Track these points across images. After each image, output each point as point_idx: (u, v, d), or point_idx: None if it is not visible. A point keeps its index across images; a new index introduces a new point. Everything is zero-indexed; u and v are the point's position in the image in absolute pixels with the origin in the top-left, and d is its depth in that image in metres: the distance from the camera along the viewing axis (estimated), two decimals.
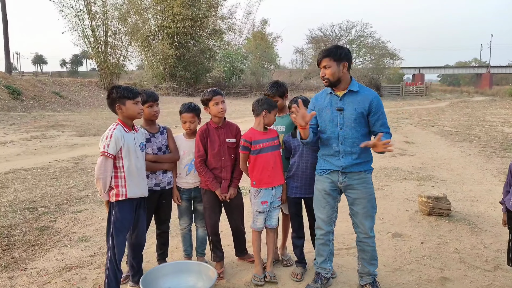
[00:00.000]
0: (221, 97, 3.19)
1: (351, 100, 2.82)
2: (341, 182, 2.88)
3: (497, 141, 10.70)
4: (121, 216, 2.71)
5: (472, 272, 3.37)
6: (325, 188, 2.94)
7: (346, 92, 2.83)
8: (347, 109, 2.81)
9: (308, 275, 3.26)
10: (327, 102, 2.90)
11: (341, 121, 2.83)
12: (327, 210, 2.99)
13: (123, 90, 2.74)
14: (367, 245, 2.95)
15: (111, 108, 2.79)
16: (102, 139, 2.67)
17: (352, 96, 2.82)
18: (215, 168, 3.16)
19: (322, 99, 2.95)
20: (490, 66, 71.10)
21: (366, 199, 2.86)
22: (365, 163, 2.87)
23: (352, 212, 2.96)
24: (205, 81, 36.70)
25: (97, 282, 3.14)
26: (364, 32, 45.26)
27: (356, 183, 2.85)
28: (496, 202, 5.39)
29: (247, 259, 3.50)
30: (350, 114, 2.80)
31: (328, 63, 2.76)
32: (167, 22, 30.83)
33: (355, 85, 2.84)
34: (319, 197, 3.00)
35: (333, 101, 2.87)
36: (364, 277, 3.00)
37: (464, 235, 4.18)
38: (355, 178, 2.85)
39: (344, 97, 2.84)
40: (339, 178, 2.87)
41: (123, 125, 2.76)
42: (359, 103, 2.79)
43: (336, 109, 2.85)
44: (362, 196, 2.86)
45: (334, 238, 3.16)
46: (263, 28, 44.58)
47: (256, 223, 3.21)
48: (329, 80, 2.79)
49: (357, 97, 2.81)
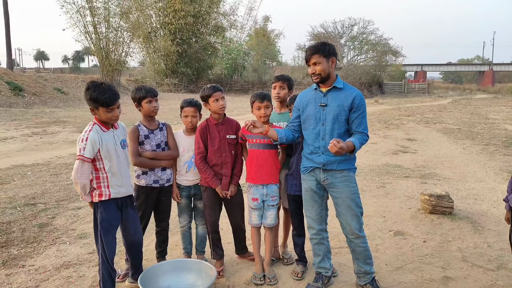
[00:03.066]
0: (221, 93, 3.14)
1: (334, 96, 2.80)
2: (323, 179, 2.84)
3: (500, 139, 10.63)
4: (107, 216, 2.65)
5: (475, 271, 3.33)
6: (310, 187, 2.91)
7: (331, 88, 2.82)
8: (330, 105, 2.79)
9: (309, 274, 3.22)
10: (311, 98, 2.89)
11: (324, 117, 2.81)
12: (315, 209, 2.96)
13: (98, 95, 2.50)
14: (357, 246, 2.89)
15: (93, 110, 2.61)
16: (79, 141, 2.52)
17: (336, 92, 2.81)
18: (215, 165, 3.12)
19: (307, 95, 2.94)
20: (492, 63, 70.75)
21: (350, 198, 2.80)
22: (346, 162, 2.80)
23: (337, 212, 2.91)
24: (207, 77, 36.63)
25: (95, 280, 3.11)
26: (366, 29, 45.01)
27: (339, 181, 2.80)
28: (499, 200, 5.34)
29: (248, 257, 3.46)
30: (332, 110, 2.77)
31: (318, 60, 2.75)
32: (168, 19, 30.78)
33: (340, 82, 2.83)
34: (306, 197, 2.97)
35: (317, 96, 2.87)
36: (362, 277, 2.96)
37: (467, 234, 4.13)
38: (337, 176, 2.80)
39: (328, 93, 2.83)
40: (321, 176, 2.83)
41: (100, 125, 2.62)
42: (342, 100, 2.78)
43: (319, 104, 2.83)
44: (345, 196, 2.80)
45: (328, 236, 3.11)
46: (265, 25, 44.51)
47: (252, 219, 3.19)
48: (320, 76, 2.77)
49: (341, 94, 2.80)
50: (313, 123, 2.84)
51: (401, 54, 44.45)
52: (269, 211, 3.15)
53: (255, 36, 43.25)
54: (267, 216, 3.15)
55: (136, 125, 3.14)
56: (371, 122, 14.54)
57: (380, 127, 13.54)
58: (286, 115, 3.30)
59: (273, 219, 3.17)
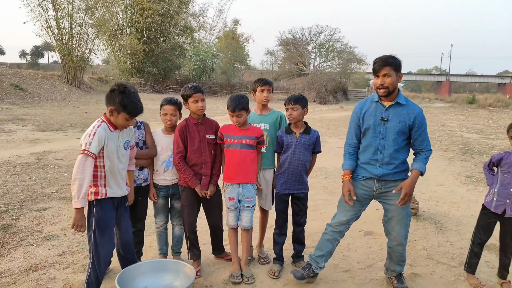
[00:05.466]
0: (201, 95, 3.13)
1: (396, 112, 2.81)
2: (376, 189, 2.90)
3: (457, 145, 11.23)
4: (104, 215, 2.58)
5: (439, 268, 3.52)
6: (356, 194, 2.93)
7: (393, 104, 2.82)
8: (392, 120, 2.80)
9: (285, 273, 3.28)
10: (372, 110, 2.89)
11: (384, 132, 2.83)
12: (350, 214, 3.03)
13: (129, 103, 2.49)
14: (396, 251, 3.01)
15: (106, 102, 2.57)
16: (85, 136, 2.48)
17: (398, 108, 2.81)
18: (195, 165, 3.12)
19: (367, 106, 2.93)
20: (449, 74, 74.67)
21: (402, 207, 2.85)
22: (401, 172, 2.87)
23: (386, 219, 3.00)
24: (174, 78, 36.15)
25: (67, 282, 3.01)
26: (333, 37, 46.23)
27: (392, 190, 2.85)
28: (459, 202, 5.66)
29: (224, 258, 3.47)
30: (393, 126, 2.79)
31: (389, 72, 2.72)
32: (136, 17, 30.10)
33: (402, 98, 2.83)
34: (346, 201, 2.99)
35: (378, 110, 2.86)
36: (390, 271, 3.13)
37: (431, 233, 4.35)
38: (391, 185, 2.86)
39: (390, 108, 2.83)
40: (375, 185, 2.90)
41: (108, 123, 2.59)
42: (404, 116, 2.79)
43: (380, 118, 2.84)
44: (396, 204, 2.83)
45: (340, 241, 3.17)
46: (235, 28, 44.57)
47: (229, 220, 3.21)
48: (388, 89, 2.75)
49: (403, 110, 2.80)
50: (372, 136, 2.85)
51: (365, 63, 45.89)
52: (244, 212, 3.16)
53: (224, 38, 43.21)
54: (243, 218, 3.17)
55: None
56: (337, 128, 14.92)
57: (345, 131, 13.87)
58: (267, 117, 3.36)
59: (248, 221, 3.18)
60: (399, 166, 2.85)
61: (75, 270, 3.22)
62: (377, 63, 2.76)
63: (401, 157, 2.86)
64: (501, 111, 29.18)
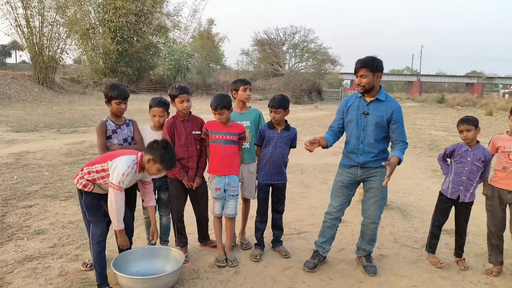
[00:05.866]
0: (187, 95, 3.38)
1: (376, 107, 3.19)
2: (360, 175, 3.30)
3: (425, 142, 11.88)
4: (91, 199, 2.90)
5: (404, 250, 3.92)
6: (343, 181, 3.35)
7: (374, 100, 3.21)
8: (371, 114, 3.19)
9: (266, 256, 3.59)
10: (355, 104, 3.26)
11: (365, 124, 3.22)
12: (341, 200, 3.41)
13: (167, 159, 2.78)
14: (369, 229, 3.39)
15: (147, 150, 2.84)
16: (118, 174, 2.72)
17: (378, 103, 3.20)
18: (182, 158, 3.37)
19: (351, 101, 3.33)
20: (420, 74, 77.09)
21: (379, 190, 3.27)
22: (381, 160, 3.23)
23: (364, 199, 3.39)
24: (148, 78, 35.87)
25: (63, 269, 3.20)
26: (307, 38, 46.98)
27: (374, 175, 3.27)
28: (423, 193, 6.13)
29: (209, 245, 3.74)
30: (373, 119, 3.18)
31: (365, 73, 3.11)
32: (108, 16, 29.71)
33: (383, 94, 3.22)
34: (336, 187, 3.42)
35: (361, 104, 3.25)
36: (361, 251, 3.49)
37: (397, 221, 4.77)
38: (372, 172, 3.26)
39: (371, 103, 3.21)
40: (358, 172, 3.29)
41: (139, 166, 2.84)
42: (382, 111, 3.17)
43: (362, 112, 3.23)
44: (375, 187, 3.27)
45: (339, 225, 3.54)
46: (210, 28, 44.60)
47: (214, 209, 3.48)
48: (364, 88, 3.15)
49: (382, 106, 3.18)
50: (355, 128, 3.23)
51: (339, 63, 46.91)
52: (229, 201, 3.44)
53: (199, 38, 43.19)
54: (228, 206, 3.45)
55: (104, 120, 3.27)
56: (312, 127, 15.39)
57: (320, 130, 14.37)
58: (247, 115, 3.66)
59: (233, 209, 3.47)
60: (378, 154, 3.25)
61: (69, 259, 3.40)
62: (357, 65, 3.17)
63: (381, 147, 3.25)
64: (468, 110, 30.67)
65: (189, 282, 3.09)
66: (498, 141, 3.47)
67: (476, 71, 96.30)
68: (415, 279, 3.32)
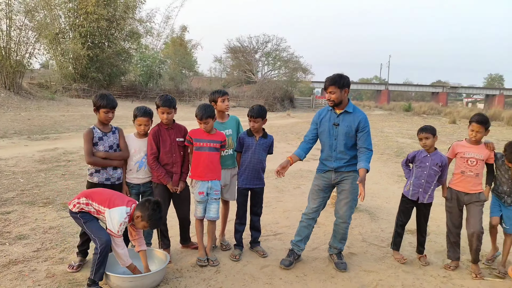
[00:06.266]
0: (168, 109, 3.56)
1: (345, 118, 3.56)
2: (334, 179, 3.62)
3: (392, 149, 12.48)
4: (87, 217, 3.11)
5: (371, 248, 4.25)
6: (319, 184, 3.68)
7: (343, 112, 3.57)
8: (341, 125, 3.55)
9: (245, 256, 3.83)
10: (327, 117, 3.61)
11: (336, 133, 3.58)
12: (317, 202, 3.72)
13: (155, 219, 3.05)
14: (341, 228, 3.71)
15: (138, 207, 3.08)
16: (116, 224, 2.98)
17: (346, 115, 3.57)
18: (166, 164, 3.56)
19: (323, 114, 3.68)
20: (388, 83, 79.74)
21: (351, 191, 3.59)
22: (353, 165, 3.57)
23: (337, 200, 3.71)
24: (120, 84, 35.43)
25: (49, 272, 3.29)
26: (279, 46, 47.77)
27: (346, 179, 3.62)
28: (390, 197, 6.54)
29: (190, 247, 3.93)
30: (343, 129, 3.54)
31: (333, 90, 3.48)
32: (79, 21, 29.27)
33: (351, 106, 3.58)
34: (313, 191, 3.74)
35: (332, 117, 3.63)
36: (332, 248, 3.78)
37: (365, 222, 5.12)
38: (345, 175, 3.59)
39: (340, 115, 3.58)
40: (333, 176, 3.61)
41: (129, 219, 3.07)
42: (351, 121, 3.54)
43: (333, 123, 3.58)
44: (347, 188, 3.61)
45: (314, 226, 3.83)
46: (182, 34, 44.62)
47: (197, 212, 3.68)
48: (334, 102, 3.53)
49: (350, 117, 3.55)
50: (327, 137, 3.57)
51: (310, 72, 48.05)
52: (212, 204, 3.66)
53: (172, 44, 43.09)
54: (210, 210, 3.66)
55: (91, 128, 3.42)
56: (285, 134, 15.78)
57: (293, 137, 14.77)
58: (228, 123, 3.92)
59: (215, 212, 3.68)
60: (350, 160, 3.60)
61: (54, 262, 3.50)
62: (326, 82, 3.54)
63: (351, 153, 3.60)
64: (433, 118, 32.15)
65: (173, 280, 3.27)
66: (457, 148, 3.84)
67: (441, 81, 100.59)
68: (381, 274, 3.64)
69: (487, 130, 3.70)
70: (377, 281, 3.49)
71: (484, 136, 3.74)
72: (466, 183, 3.74)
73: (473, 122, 3.69)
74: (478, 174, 3.70)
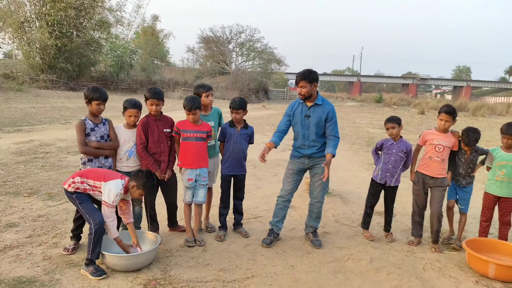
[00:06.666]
0: (157, 100, 3.79)
1: (315, 110, 3.93)
2: (307, 163, 3.98)
3: (363, 139, 13.07)
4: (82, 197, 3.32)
5: (343, 228, 4.67)
6: (293, 168, 4.03)
7: (313, 104, 3.91)
8: (312, 116, 3.92)
9: (229, 237, 4.15)
10: (299, 110, 3.94)
11: (307, 124, 3.94)
12: (291, 184, 4.06)
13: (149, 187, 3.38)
14: (315, 208, 4.09)
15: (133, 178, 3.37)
16: (112, 195, 3.22)
17: (316, 107, 3.93)
18: (155, 153, 3.80)
19: (295, 106, 3.99)
20: (360, 75, 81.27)
21: (322, 174, 3.90)
22: (323, 151, 3.97)
23: (311, 182, 4.07)
24: (90, 74, 34.60)
25: (45, 255, 3.49)
26: (253, 37, 47.74)
27: (318, 162, 3.96)
28: (360, 183, 7.00)
29: (177, 230, 4.20)
30: (313, 120, 3.90)
31: (304, 84, 3.82)
32: (46, 9, 28.25)
33: (320, 99, 3.93)
34: (288, 174, 4.09)
35: (303, 109, 3.97)
36: (308, 227, 4.15)
37: (338, 205, 5.54)
38: (317, 160, 3.96)
39: (311, 107, 3.93)
40: (306, 161, 3.98)
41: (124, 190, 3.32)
42: (320, 113, 3.91)
43: (305, 115, 3.92)
44: (320, 172, 3.96)
45: (292, 210, 4.14)
46: (154, 24, 43.84)
47: (186, 197, 3.95)
48: (304, 96, 3.87)
49: (320, 108, 3.92)
50: (300, 128, 3.91)
51: (284, 63, 48.32)
52: (200, 190, 3.94)
53: (143, 34, 42.29)
54: (198, 194, 3.95)
55: (83, 119, 3.61)
56: (261, 125, 16.12)
57: (269, 129, 15.13)
58: (211, 116, 4.19)
59: (203, 197, 3.97)
60: (321, 147, 4.00)
61: (48, 247, 3.69)
62: (297, 78, 3.86)
63: (322, 141, 4.00)
64: (403, 109, 33.31)
65: (164, 259, 3.55)
66: (427, 135, 4.22)
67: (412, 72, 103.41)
68: (352, 249, 4.05)
69: (454, 120, 4.08)
70: (349, 255, 3.89)
71: (452, 125, 4.13)
72: (433, 167, 4.11)
73: (442, 113, 4.07)
74: (444, 159, 4.10)
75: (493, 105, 34.46)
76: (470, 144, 4.05)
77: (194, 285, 3.13)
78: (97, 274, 3.13)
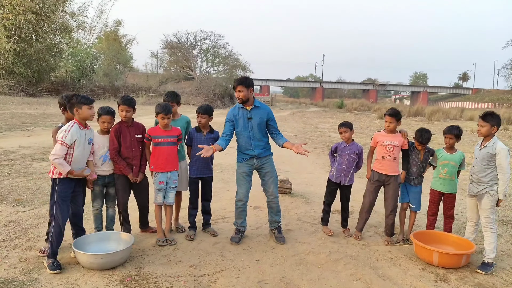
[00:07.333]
0: (127, 107, 4.02)
1: (256, 112, 4.27)
2: (256, 164, 4.29)
3: (325, 143, 13.66)
4: (63, 190, 3.46)
5: (305, 225, 5.06)
6: (245, 171, 4.31)
7: (253, 107, 4.24)
8: (254, 118, 4.26)
9: (198, 236, 4.42)
10: (240, 114, 4.23)
11: (251, 126, 4.26)
12: (245, 186, 4.35)
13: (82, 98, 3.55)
14: (273, 203, 4.41)
15: (70, 110, 3.53)
16: (61, 131, 3.39)
17: (256, 109, 4.28)
18: (127, 157, 4.03)
19: (236, 111, 4.26)
20: (322, 81, 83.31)
21: (272, 172, 4.33)
22: (268, 150, 4.33)
23: (263, 182, 4.39)
24: (50, 80, 33.55)
25: (21, 257, 3.61)
26: (217, 43, 48.07)
27: (266, 162, 4.31)
28: (321, 184, 7.41)
29: (149, 231, 4.42)
30: (256, 121, 4.24)
31: (241, 89, 4.15)
32: (4, 13, 27.24)
33: (257, 102, 4.30)
34: (240, 178, 4.35)
35: (244, 113, 4.27)
36: (272, 223, 4.47)
37: (300, 205, 5.94)
38: (264, 160, 4.30)
39: (252, 110, 4.26)
40: (255, 162, 4.28)
41: (79, 124, 3.49)
42: (261, 114, 4.28)
43: (247, 118, 4.24)
44: (269, 170, 4.35)
45: (255, 207, 4.45)
46: (117, 29, 43.25)
47: (157, 199, 4.19)
48: (242, 99, 4.20)
49: (259, 110, 4.29)
50: (245, 130, 4.19)
51: (249, 69, 48.98)
52: (170, 192, 4.20)
53: (106, 39, 41.56)
54: (169, 196, 4.20)
55: (58, 126, 3.76)
56: None
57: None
58: (178, 122, 4.47)
59: (172, 198, 4.24)
60: (265, 146, 4.38)
61: (23, 250, 3.81)
62: (234, 83, 4.24)
63: (265, 140, 4.40)
64: (363, 114, 34.66)
65: (138, 258, 3.78)
66: (377, 137, 4.64)
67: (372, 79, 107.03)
68: (313, 244, 4.43)
69: (399, 121, 4.50)
70: (309, 249, 4.26)
71: (398, 126, 4.55)
72: (387, 166, 4.51)
73: (387, 115, 4.53)
74: (395, 158, 4.51)
75: (448, 109, 36.21)
76: (423, 141, 4.47)
77: (167, 279, 3.38)
78: (52, 268, 3.36)
